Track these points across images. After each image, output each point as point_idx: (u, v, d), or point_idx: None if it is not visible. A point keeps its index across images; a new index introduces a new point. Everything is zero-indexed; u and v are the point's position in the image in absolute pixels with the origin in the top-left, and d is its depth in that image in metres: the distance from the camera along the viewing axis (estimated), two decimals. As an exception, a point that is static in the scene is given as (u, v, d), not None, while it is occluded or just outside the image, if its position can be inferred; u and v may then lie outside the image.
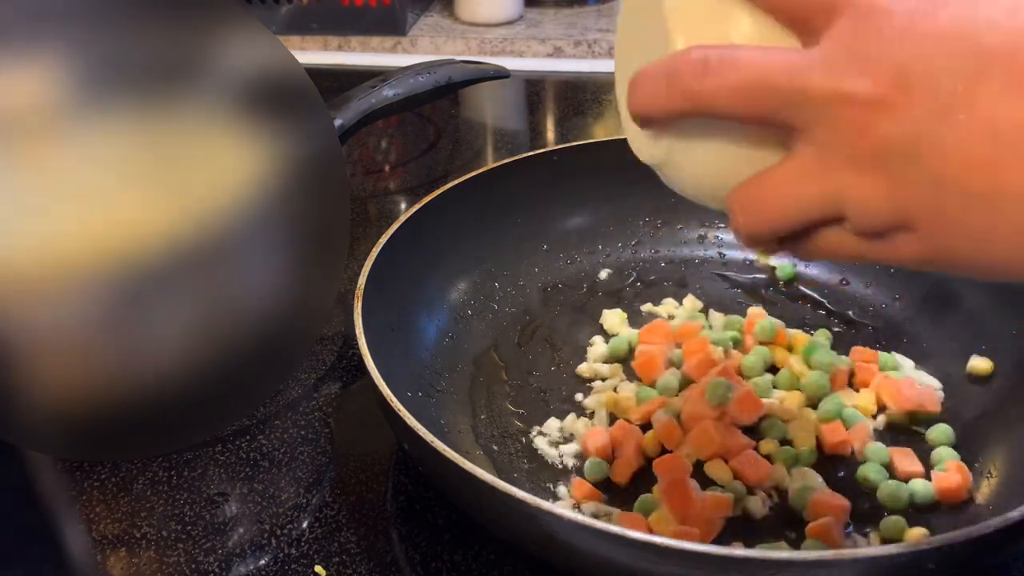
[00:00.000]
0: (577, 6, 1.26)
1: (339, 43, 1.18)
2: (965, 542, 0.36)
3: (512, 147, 0.95)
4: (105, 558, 0.47)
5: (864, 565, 0.36)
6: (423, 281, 0.59)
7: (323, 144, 0.51)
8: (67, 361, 0.45)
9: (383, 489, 0.51)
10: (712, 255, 0.67)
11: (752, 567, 0.36)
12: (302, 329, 0.53)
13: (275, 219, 0.48)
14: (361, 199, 0.83)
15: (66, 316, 0.43)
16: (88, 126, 0.43)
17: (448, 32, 1.18)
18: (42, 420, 0.48)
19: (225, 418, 0.54)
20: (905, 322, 0.60)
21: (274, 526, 0.48)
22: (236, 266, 0.47)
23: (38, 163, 0.42)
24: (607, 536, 0.37)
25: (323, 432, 0.55)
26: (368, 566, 0.46)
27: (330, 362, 0.61)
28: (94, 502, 0.50)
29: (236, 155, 0.46)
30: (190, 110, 0.45)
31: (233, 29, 0.48)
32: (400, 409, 0.43)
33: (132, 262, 0.43)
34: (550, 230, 0.67)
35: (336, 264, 0.55)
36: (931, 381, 0.54)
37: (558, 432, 0.53)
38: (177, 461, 0.53)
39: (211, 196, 0.45)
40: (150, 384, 0.46)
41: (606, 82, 1.09)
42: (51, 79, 0.42)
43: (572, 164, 0.67)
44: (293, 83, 0.50)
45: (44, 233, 0.42)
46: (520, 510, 0.39)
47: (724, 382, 0.50)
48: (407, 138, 0.98)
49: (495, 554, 0.46)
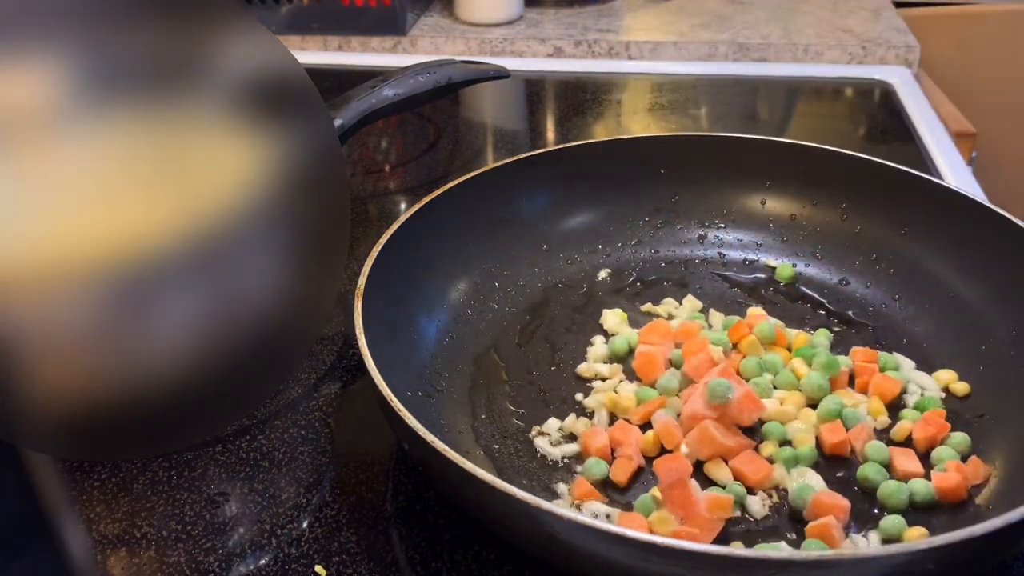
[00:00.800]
0: (577, 6, 1.26)
1: (339, 43, 1.18)
2: (965, 542, 0.36)
3: (512, 147, 0.95)
4: (105, 558, 0.47)
5: (864, 565, 0.36)
6: (423, 281, 0.59)
7: (323, 144, 0.51)
8: (67, 361, 0.45)
9: (383, 489, 0.51)
10: (712, 255, 0.67)
11: (752, 567, 0.36)
12: (302, 329, 0.53)
13: (275, 219, 0.48)
14: (361, 199, 0.83)
15: (66, 316, 0.43)
16: (87, 126, 0.43)
17: (448, 32, 1.18)
18: (42, 420, 0.48)
19: (225, 418, 0.54)
20: (905, 322, 0.60)
21: (274, 526, 0.48)
22: (235, 266, 0.47)
23: (36, 163, 0.42)
24: (607, 536, 0.37)
25: (323, 432, 0.55)
26: (368, 566, 0.46)
27: (330, 362, 0.61)
28: (94, 502, 0.50)
29: (236, 155, 0.46)
30: (190, 110, 0.45)
31: (233, 29, 0.48)
32: (400, 409, 0.43)
33: (131, 262, 0.43)
34: (550, 230, 0.67)
35: (336, 264, 0.55)
36: (930, 382, 0.54)
37: (558, 432, 0.53)
38: (177, 461, 0.53)
39: (210, 196, 0.45)
40: (150, 384, 0.46)
41: (606, 82, 1.09)
42: (50, 79, 0.42)
43: (572, 164, 0.67)
44: (293, 83, 0.50)
45: (43, 233, 0.42)
46: (520, 510, 0.39)
47: (724, 382, 0.50)
48: (407, 138, 0.98)
49: (495, 554, 0.46)
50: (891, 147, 0.91)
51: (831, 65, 1.10)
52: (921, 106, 0.98)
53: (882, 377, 0.54)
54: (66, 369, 0.45)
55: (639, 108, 1.03)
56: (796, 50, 1.10)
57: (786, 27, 1.16)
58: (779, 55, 1.11)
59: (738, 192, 0.68)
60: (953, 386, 0.54)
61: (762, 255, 0.67)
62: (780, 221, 0.67)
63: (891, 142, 0.92)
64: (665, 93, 1.04)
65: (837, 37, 1.12)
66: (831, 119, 1.01)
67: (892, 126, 0.95)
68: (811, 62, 1.10)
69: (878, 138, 0.94)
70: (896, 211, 0.62)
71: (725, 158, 0.68)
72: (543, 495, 0.48)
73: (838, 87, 1.07)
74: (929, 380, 0.54)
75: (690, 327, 0.58)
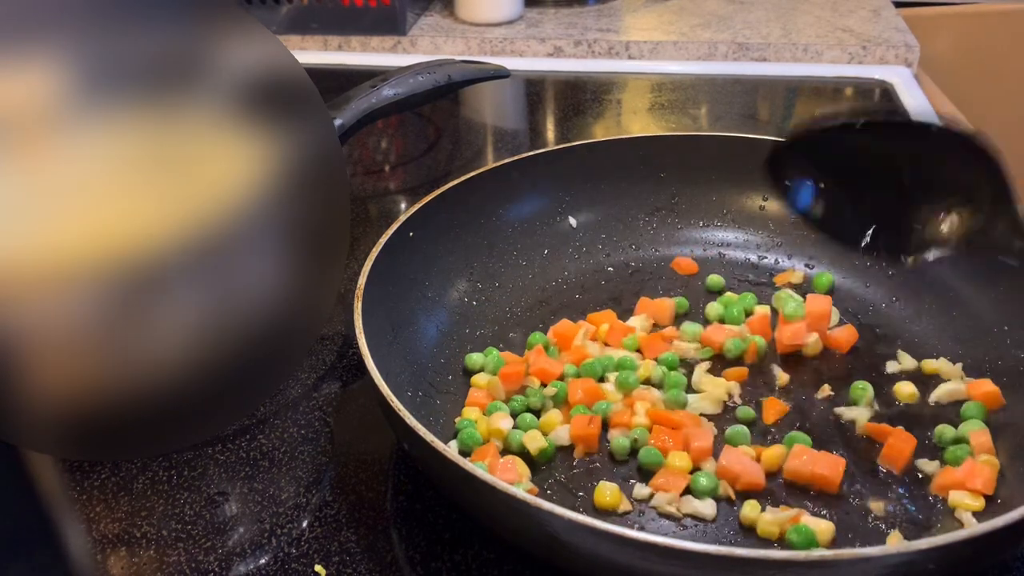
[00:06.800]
0: (577, 6, 1.26)
1: (339, 43, 1.18)
2: (965, 542, 0.36)
3: (512, 147, 0.95)
4: (105, 558, 0.47)
5: (864, 565, 0.36)
6: (423, 281, 0.59)
7: (323, 144, 0.51)
8: (67, 361, 0.45)
9: (383, 489, 0.51)
10: (712, 255, 0.67)
11: (752, 567, 0.36)
12: (302, 329, 0.53)
13: (275, 219, 0.48)
14: (361, 199, 0.83)
15: (65, 316, 0.43)
16: (87, 126, 0.43)
17: (448, 32, 1.18)
18: (42, 420, 0.48)
19: (225, 418, 0.54)
20: (905, 322, 0.60)
21: (274, 526, 0.48)
22: (235, 266, 0.47)
23: (36, 163, 0.42)
24: (607, 536, 0.37)
25: (323, 432, 0.55)
26: (368, 566, 0.46)
27: (330, 362, 0.61)
28: (94, 502, 0.50)
29: (236, 155, 0.46)
30: (190, 110, 0.45)
31: (233, 29, 0.48)
32: (400, 409, 0.43)
33: (131, 262, 0.43)
34: (550, 230, 0.67)
35: (336, 264, 0.55)
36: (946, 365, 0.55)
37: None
38: (177, 461, 0.53)
39: (211, 196, 0.45)
40: (150, 384, 0.46)
41: (606, 82, 1.09)
42: (50, 79, 0.42)
43: (572, 164, 0.67)
44: (293, 83, 0.50)
45: (42, 233, 0.42)
46: (520, 510, 0.39)
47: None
48: (407, 138, 0.98)
49: (495, 554, 0.46)
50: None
51: (831, 65, 1.10)
52: (921, 106, 0.98)
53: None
54: (66, 369, 0.45)
55: (639, 108, 1.03)
56: (796, 50, 1.10)
57: (786, 27, 1.16)
58: (779, 55, 1.11)
59: (738, 192, 0.68)
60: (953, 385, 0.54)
61: (762, 255, 0.67)
62: (780, 221, 0.67)
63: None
64: (665, 93, 1.04)
65: (837, 37, 1.12)
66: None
67: (892, 126, 0.94)
68: (811, 62, 1.10)
69: (878, 138, 0.94)
70: (896, 211, 0.62)
71: (725, 158, 0.68)
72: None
73: (838, 87, 1.07)
74: (945, 364, 0.55)
75: (600, 315, 0.61)
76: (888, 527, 0.46)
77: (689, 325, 0.59)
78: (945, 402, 0.53)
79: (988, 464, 0.47)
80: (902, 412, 0.53)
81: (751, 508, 0.46)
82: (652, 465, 0.49)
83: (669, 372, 0.55)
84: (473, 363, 0.56)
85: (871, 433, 0.51)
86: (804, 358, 0.58)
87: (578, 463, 0.51)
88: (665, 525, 0.47)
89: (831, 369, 0.57)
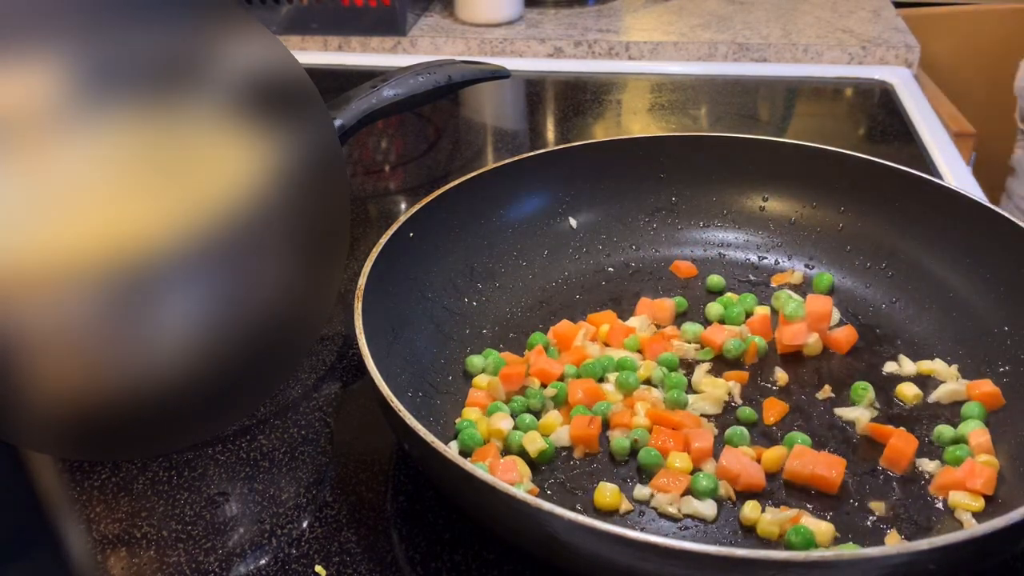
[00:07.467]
0: (577, 6, 1.26)
1: (339, 43, 1.18)
2: (965, 542, 0.36)
3: (512, 147, 0.95)
4: (105, 558, 0.47)
5: (864, 565, 0.36)
6: (423, 281, 0.59)
7: (323, 144, 0.51)
8: (67, 361, 0.45)
9: (383, 489, 0.51)
10: (712, 255, 0.67)
11: (752, 567, 0.36)
12: (302, 329, 0.53)
13: (275, 219, 0.48)
14: (361, 199, 0.83)
15: (65, 316, 0.43)
16: (88, 127, 0.43)
17: (448, 32, 1.18)
18: (42, 420, 0.48)
19: (225, 418, 0.54)
20: (905, 322, 0.60)
21: (274, 526, 0.48)
22: (235, 266, 0.47)
23: (36, 163, 0.42)
24: (607, 537, 0.37)
25: (323, 432, 0.55)
26: (368, 566, 0.46)
27: (330, 362, 0.61)
28: (94, 502, 0.50)
29: (236, 155, 0.46)
30: (190, 110, 0.45)
31: (233, 29, 0.48)
32: (400, 409, 0.43)
33: (131, 262, 0.43)
34: (550, 231, 0.67)
35: (336, 264, 0.55)
36: (941, 366, 0.54)
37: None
38: (177, 461, 0.53)
39: (210, 196, 0.45)
40: (150, 384, 0.46)
41: (606, 82, 1.09)
42: (50, 79, 0.42)
43: (572, 164, 0.67)
44: (293, 83, 0.50)
45: (42, 233, 0.42)
46: (520, 510, 0.39)
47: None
48: (407, 138, 0.98)
49: (495, 554, 0.46)
50: (891, 147, 0.91)
51: (831, 65, 1.10)
52: (921, 106, 0.98)
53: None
54: (66, 369, 0.45)
55: (639, 108, 1.03)
56: (796, 50, 1.10)
57: (786, 27, 1.16)
58: (779, 55, 1.11)
59: (738, 192, 0.68)
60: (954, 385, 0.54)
61: (762, 255, 0.67)
62: (780, 221, 0.67)
63: (891, 142, 0.92)
64: (665, 93, 1.04)
65: (837, 37, 1.12)
66: (831, 119, 1.01)
67: (892, 126, 0.95)
68: (811, 62, 1.10)
69: (878, 138, 0.94)
70: (896, 211, 0.62)
71: (725, 158, 0.68)
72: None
73: (838, 87, 1.07)
74: (941, 365, 0.55)
75: (600, 316, 0.61)
76: (888, 527, 0.46)
77: (689, 325, 0.59)
78: (945, 402, 0.53)
79: (988, 464, 0.47)
80: (902, 412, 0.53)
81: (751, 508, 0.46)
82: (652, 466, 0.49)
83: (669, 373, 0.55)
84: (473, 366, 0.56)
85: (873, 434, 0.51)
86: (804, 358, 0.58)
87: (578, 464, 0.51)
88: (665, 526, 0.47)
89: (831, 369, 0.57)
